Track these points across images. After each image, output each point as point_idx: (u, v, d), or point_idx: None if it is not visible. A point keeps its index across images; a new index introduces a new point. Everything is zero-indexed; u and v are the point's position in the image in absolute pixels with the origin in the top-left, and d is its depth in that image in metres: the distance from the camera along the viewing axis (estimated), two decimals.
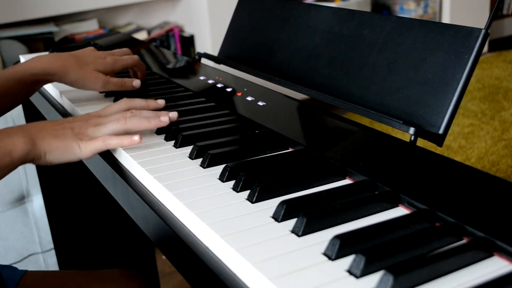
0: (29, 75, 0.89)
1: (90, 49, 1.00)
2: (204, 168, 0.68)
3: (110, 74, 0.96)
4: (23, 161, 0.70)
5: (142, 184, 0.68)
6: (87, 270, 0.99)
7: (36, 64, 0.91)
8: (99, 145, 0.73)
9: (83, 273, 0.98)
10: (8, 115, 1.58)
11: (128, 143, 0.73)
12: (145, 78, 1.05)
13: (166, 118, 0.77)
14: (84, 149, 0.73)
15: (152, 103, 0.82)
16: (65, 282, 0.95)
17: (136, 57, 1.03)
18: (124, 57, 1.00)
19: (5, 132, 0.70)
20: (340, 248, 0.48)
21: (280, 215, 0.54)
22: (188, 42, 2.83)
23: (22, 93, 0.92)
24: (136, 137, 0.73)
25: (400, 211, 0.56)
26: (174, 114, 0.79)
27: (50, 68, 0.91)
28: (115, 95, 0.99)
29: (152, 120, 0.76)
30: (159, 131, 0.80)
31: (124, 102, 0.80)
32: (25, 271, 0.94)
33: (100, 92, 1.02)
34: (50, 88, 1.09)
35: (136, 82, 0.97)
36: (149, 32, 2.82)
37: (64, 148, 0.72)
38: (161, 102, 0.84)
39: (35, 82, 0.91)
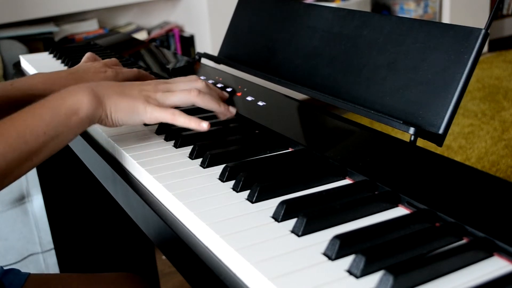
0: (30, 96, 0.86)
1: (89, 56, 0.98)
2: (204, 168, 0.68)
3: None
4: (91, 120, 0.69)
5: (142, 184, 0.68)
6: (89, 273, 0.99)
7: (37, 84, 0.89)
8: (167, 116, 0.72)
9: (85, 276, 0.98)
10: None
11: (195, 126, 0.72)
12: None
13: (234, 110, 0.78)
14: (150, 113, 0.71)
15: (223, 109, 0.79)
16: (67, 285, 0.95)
17: (136, 70, 1.01)
18: (125, 69, 0.99)
19: (69, 90, 0.69)
20: (340, 248, 0.48)
21: (280, 215, 0.54)
22: (188, 42, 2.83)
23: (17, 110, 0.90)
24: (205, 124, 0.72)
25: (400, 211, 0.56)
26: (233, 110, 0.79)
27: (50, 90, 0.86)
28: None
29: (222, 105, 0.77)
30: (159, 131, 0.80)
31: (196, 78, 0.79)
32: (28, 275, 0.94)
33: None
34: None
35: None
36: (149, 32, 2.82)
37: (131, 108, 0.71)
38: (233, 110, 0.81)
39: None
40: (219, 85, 0.98)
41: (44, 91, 0.87)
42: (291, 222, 0.53)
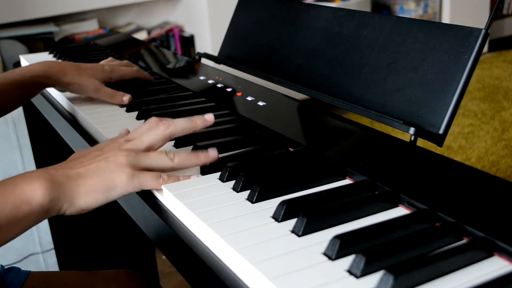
0: (29, 77, 0.90)
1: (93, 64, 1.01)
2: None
3: (107, 83, 0.97)
4: (47, 211, 0.58)
5: None
6: (89, 271, 0.99)
7: (36, 67, 0.92)
8: (152, 184, 0.62)
9: (85, 274, 0.98)
10: (8, 115, 1.58)
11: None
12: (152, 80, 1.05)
13: (215, 153, 0.66)
14: (131, 182, 0.61)
15: (200, 122, 0.69)
16: (67, 283, 0.95)
17: (135, 68, 1.02)
18: (122, 67, 1.00)
19: (23, 176, 0.59)
20: (340, 248, 0.48)
21: (280, 215, 0.54)
22: (188, 42, 2.83)
23: (22, 95, 0.92)
24: (193, 177, 0.64)
25: (400, 211, 0.56)
26: (210, 116, 0.70)
27: (49, 71, 0.91)
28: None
29: (201, 156, 0.65)
30: None
31: (156, 122, 0.67)
32: (29, 273, 0.94)
33: None
34: (50, 88, 1.09)
35: (126, 98, 0.93)
36: (149, 32, 2.82)
37: (105, 186, 0.60)
38: (209, 118, 0.70)
39: (35, 84, 0.91)
40: (219, 85, 0.98)
41: (44, 72, 0.91)
42: (291, 222, 0.53)
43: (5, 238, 0.57)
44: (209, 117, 0.69)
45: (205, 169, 0.66)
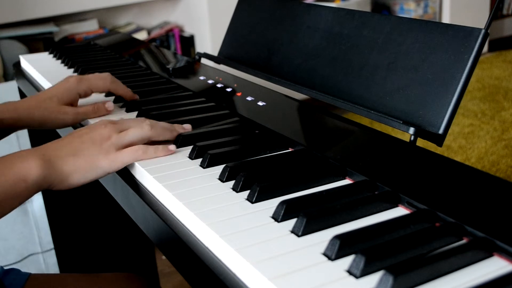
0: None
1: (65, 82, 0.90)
2: (204, 168, 0.68)
3: (80, 97, 0.89)
4: (40, 186, 0.64)
5: (142, 185, 0.68)
6: (90, 273, 0.99)
7: (3, 112, 0.83)
8: (133, 157, 0.68)
9: (85, 276, 0.98)
10: None
11: (164, 154, 0.70)
12: (134, 97, 0.95)
13: (188, 126, 0.77)
14: (114, 162, 0.68)
15: (178, 127, 0.77)
16: (67, 285, 0.95)
17: (106, 75, 0.92)
18: (90, 75, 0.91)
19: (18, 155, 0.65)
20: (340, 248, 0.48)
21: (280, 215, 0.54)
22: (188, 42, 2.83)
23: None
24: (172, 146, 0.71)
25: (400, 211, 0.56)
26: (188, 126, 0.78)
27: (17, 118, 0.83)
28: (114, 95, 0.98)
29: (175, 131, 0.75)
30: None
31: (143, 119, 0.74)
32: (29, 275, 0.94)
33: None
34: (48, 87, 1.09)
35: (109, 105, 0.89)
36: (149, 32, 2.82)
37: (89, 165, 0.67)
38: (187, 127, 0.78)
39: (5, 130, 0.86)
40: (219, 85, 0.98)
41: (12, 119, 0.83)
42: (291, 222, 0.53)
43: (3, 213, 0.63)
44: (187, 127, 0.78)
45: (178, 143, 0.74)
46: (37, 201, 1.70)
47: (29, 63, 1.28)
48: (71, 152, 0.67)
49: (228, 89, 0.95)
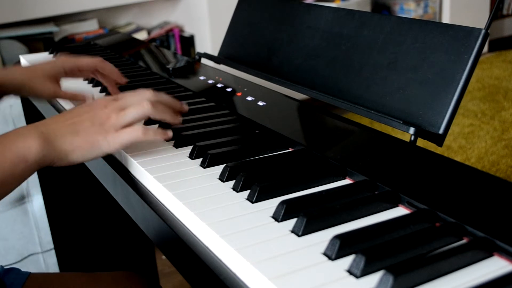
0: (9, 85, 0.87)
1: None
2: (204, 168, 0.68)
3: (66, 75, 0.92)
4: (40, 165, 0.64)
5: (142, 184, 0.68)
6: (89, 272, 0.99)
7: (15, 74, 0.87)
8: (132, 138, 0.67)
9: (85, 275, 0.98)
10: (8, 114, 1.58)
11: (163, 136, 0.70)
12: (123, 81, 0.97)
13: (180, 119, 0.75)
14: (113, 143, 0.67)
15: (178, 104, 0.77)
16: (67, 284, 0.95)
17: (97, 59, 0.93)
18: (79, 57, 0.92)
19: (17, 133, 0.64)
20: (340, 248, 0.48)
21: (280, 215, 0.54)
22: (188, 42, 2.83)
23: None
24: (170, 132, 0.70)
25: (400, 211, 0.56)
26: (185, 106, 0.78)
27: (29, 80, 0.87)
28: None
29: (175, 115, 0.73)
30: None
31: (143, 90, 0.73)
32: (29, 274, 0.94)
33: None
34: None
35: (88, 98, 0.89)
36: (149, 32, 2.82)
37: (88, 145, 0.66)
38: (185, 107, 0.78)
39: None
40: (219, 85, 0.98)
41: (22, 81, 0.87)
42: (291, 222, 0.53)
43: (4, 193, 0.63)
44: (185, 106, 0.78)
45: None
46: (37, 201, 1.70)
47: (29, 63, 1.28)
48: (70, 130, 0.66)
49: (228, 89, 0.95)
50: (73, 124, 0.67)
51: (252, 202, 0.58)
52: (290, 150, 0.73)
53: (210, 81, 1.01)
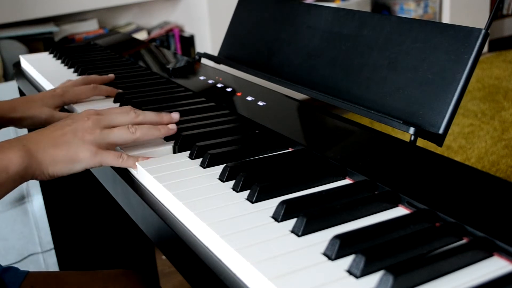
0: (10, 117, 0.87)
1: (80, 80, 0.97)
2: (204, 168, 0.68)
3: (63, 105, 0.93)
4: (22, 177, 0.65)
5: (142, 185, 0.68)
6: (89, 271, 0.99)
7: (16, 104, 0.88)
8: (113, 162, 0.68)
9: (84, 273, 0.98)
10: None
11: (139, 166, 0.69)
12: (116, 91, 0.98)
13: (174, 126, 0.75)
14: (93, 159, 0.68)
15: (166, 117, 0.76)
16: (66, 282, 0.95)
17: (91, 86, 0.95)
18: (76, 87, 0.94)
19: (0, 146, 0.66)
20: (340, 248, 0.48)
21: (280, 215, 0.54)
22: (188, 42, 2.83)
23: None
24: (143, 160, 0.70)
25: (400, 211, 0.56)
26: (176, 115, 0.77)
27: (28, 111, 0.88)
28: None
29: (162, 129, 0.73)
30: None
31: (130, 109, 0.74)
32: (27, 273, 0.94)
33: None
34: (47, 87, 1.09)
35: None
36: (149, 32, 2.82)
37: (70, 158, 0.67)
38: (175, 116, 0.77)
39: None
40: (219, 85, 0.98)
41: (23, 113, 0.88)
42: (291, 222, 0.53)
43: None
44: (175, 116, 0.77)
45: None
46: (37, 201, 1.70)
47: (29, 63, 1.28)
48: (51, 143, 0.67)
49: (228, 89, 0.95)
50: (55, 137, 0.68)
51: (252, 202, 0.58)
52: (290, 150, 0.73)
53: (210, 81, 1.01)
